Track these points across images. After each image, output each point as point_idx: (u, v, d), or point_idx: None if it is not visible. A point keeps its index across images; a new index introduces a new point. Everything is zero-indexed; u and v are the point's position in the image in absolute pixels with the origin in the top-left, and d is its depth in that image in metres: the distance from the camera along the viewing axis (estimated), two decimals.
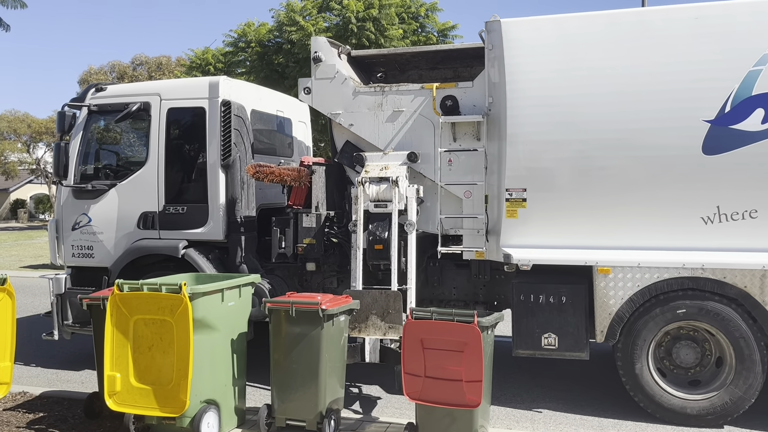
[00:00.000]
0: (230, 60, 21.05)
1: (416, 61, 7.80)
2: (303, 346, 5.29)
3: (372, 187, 6.47)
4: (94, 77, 34.94)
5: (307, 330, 5.28)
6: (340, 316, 5.51)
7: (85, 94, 7.51)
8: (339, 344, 5.55)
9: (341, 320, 5.56)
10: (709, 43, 5.57)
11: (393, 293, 6.17)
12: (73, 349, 8.46)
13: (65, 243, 7.49)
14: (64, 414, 5.97)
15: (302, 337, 5.29)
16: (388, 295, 6.14)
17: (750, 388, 5.61)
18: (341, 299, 5.61)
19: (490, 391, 5.22)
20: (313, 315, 5.23)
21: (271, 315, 5.40)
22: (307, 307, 5.26)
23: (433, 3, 19.89)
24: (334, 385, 5.47)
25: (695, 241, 5.67)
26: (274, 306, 5.38)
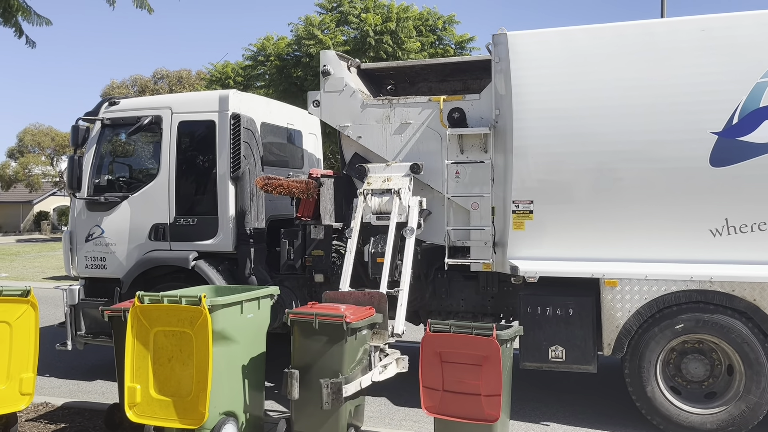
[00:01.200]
0: (249, 73, 21.33)
1: (426, 74, 7.84)
2: (325, 359, 5.20)
3: (374, 199, 6.47)
4: (116, 91, 35.56)
5: (330, 343, 5.17)
6: (363, 330, 5.42)
7: (98, 108, 7.65)
8: (361, 358, 5.45)
9: (364, 333, 5.46)
10: (715, 55, 5.54)
11: (378, 294, 5.90)
12: (94, 360, 8.56)
13: (79, 254, 7.62)
14: (85, 425, 6.05)
15: (324, 351, 5.20)
16: (372, 297, 5.85)
17: (764, 392, 5.53)
18: (364, 311, 5.51)
19: (509, 405, 5.17)
20: (336, 327, 5.13)
21: (293, 327, 5.31)
22: (330, 320, 5.18)
23: (450, 16, 20.03)
24: (356, 401, 5.42)
25: (703, 253, 5.62)
26: (297, 318, 5.30)
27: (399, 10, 19.01)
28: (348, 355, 5.19)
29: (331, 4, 20.26)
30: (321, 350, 5.19)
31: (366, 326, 5.44)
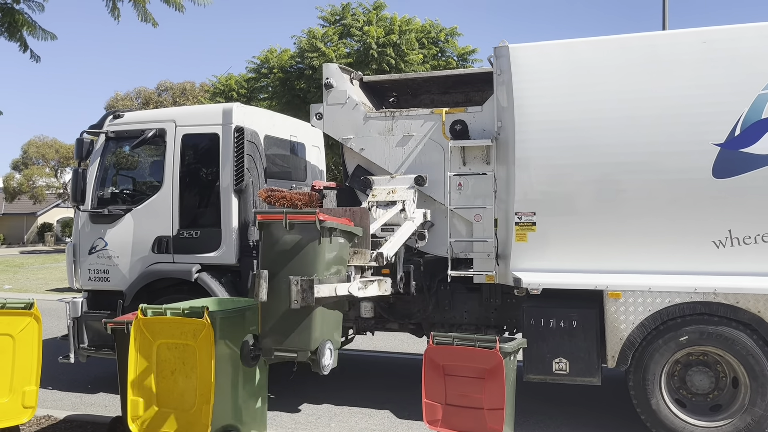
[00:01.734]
0: (253, 86, 21.40)
1: (428, 86, 7.87)
2: (296, 262, 4.81)
3: (379, 211, 6.50)
4: (120, 103, 35.71)
5: (302, 244, 4.80)
6: (339, 236, 5.04)
7: (102, 122, 7.69)
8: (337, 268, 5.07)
9: (340, 242, 5.09)
10: (717, 67, 5.55)
11: (360, 210, 5.68)
12: (96, 373, 8.56)
13: (82, 267, 7.63)
14: None
15: (296, 253, 4.82)
16: (354, 212, 5.55)
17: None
18: (342, 219, 5.21)
19: (513, 419, 5.14)
20: (309, 227, 4.77)
21: (262, 230, 4.99)
22: (302, 218, 4.82)
23: (452, 28, 20.09)
24: (333, 317, 5.12)
25: (707, 265, 5.60)
26: (266, 219, 4.93)
27: (401, 23, 19.08)
28: (321, 258, 4.83)
29: (334, 17, 20.36)
30: (292, 252, 4.81)
31: (342, 233, 5.10)
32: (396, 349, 9.96)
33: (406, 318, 7.15)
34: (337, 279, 5.09)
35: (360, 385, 7.98)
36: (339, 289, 5.05)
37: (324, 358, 4.85)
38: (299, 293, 4.66)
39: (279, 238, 4.91)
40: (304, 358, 4.83)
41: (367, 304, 7.11)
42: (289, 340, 4.85)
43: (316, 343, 4.83)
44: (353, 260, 5.42)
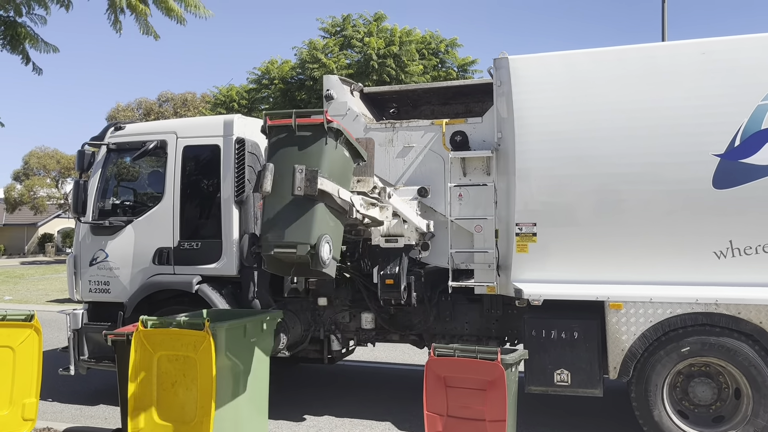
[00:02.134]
0: (254, 96, 21.47)
1: (428, 97, 7.89)
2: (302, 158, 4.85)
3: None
4: (121, 114, 35.81)
5: (309, 143, 4.88)
6: (344, 149, 5.11)
7: (104, 133, 7.71)
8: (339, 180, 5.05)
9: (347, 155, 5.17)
10: (716, 78, 5.57)
11: (366, 140, 5.82)
12: (97, 385, 8.53)
13: (83, 278, 7.62)
14: None
15: (302, 152, 4.88)
16: (359, 141, 5.61)
17: None
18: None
19: (515, 430, 5.13)
20: (317, 128, 4.87)
21: (271, 132, 5.06)
22: (311, 121, 4.90)
23: (452, 39, 20.17)
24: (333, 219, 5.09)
25: (708, 275, 5.60)
26: (275, 123, 5.02)
27: (402, 34, 19.16)
28: (327, 158, 4.87)
29: (335, 29, 20.46)
30: (298, 150, 4.89)
31: (347, 144, 5.15)
32: (397, 360, 9.94)
33: (407, 329, 7.14)
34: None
35: (361, 396, 7.95)
36: (342, 193, 5.02)
37: (323, 252, 4.79)
38: (303, 181, 4.69)
39: (286, 139, 4.97)
40: (303, 251, 4.74)
41: (367, 315, 7.11)
42: (289, 233, 4.81)
43: (315, 237, 4.77)
44: (357, 186, 5.46)
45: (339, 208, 5.04)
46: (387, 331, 7.22)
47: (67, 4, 6.76)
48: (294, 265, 5.04)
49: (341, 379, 8.93)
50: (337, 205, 4.99)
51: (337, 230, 5.17)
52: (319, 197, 4.79)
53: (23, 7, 7.05)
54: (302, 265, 4.95)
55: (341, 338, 7.35)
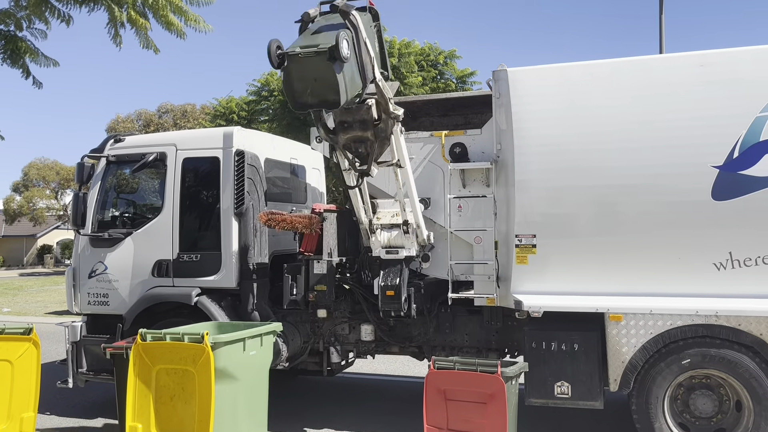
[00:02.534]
0: (253, 108, 21.53)
1: (427, 109, 7.90)
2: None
3: (383, 234, 6.53)
4: (121, 125, 35.88)
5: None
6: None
7: (103, 145, 7.72)
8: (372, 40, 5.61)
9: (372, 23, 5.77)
10: (714, 90, 5.59)
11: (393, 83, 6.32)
12: (95, 398, 8.49)
13: (82, 291, 7.61)
14: None
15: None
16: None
17: None
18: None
19: None
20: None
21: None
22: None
23: (451, 51, 20.25)
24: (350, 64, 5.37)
25: (708, 287, 5.59)
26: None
27: (401, 46, 19.25)
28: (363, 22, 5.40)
29: None
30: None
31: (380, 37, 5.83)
32: (397, 372, 9.91)
33: (407, 341, 7.12)
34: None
35: (361, 409, 7.92)
36: (368, 42, 5.51)
37: (343, 45, 5.09)
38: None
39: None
40: (326, 46, 5.04)
41: (367, 327, 7.09)
42: (314, 38, 5.24)
43: (335, 37, 5.07)
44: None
45: (361, 62, 5.41)
46: (387, 343, 7.20)
47: (68, 20, 6.82)
48: (308, 85, 5.26)
49: (341, 392, 8.89)
50: (360, 54, 5.39)
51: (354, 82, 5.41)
52: (350, 23, 5.31)
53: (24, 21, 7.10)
54: (318, 77, 5.17)
55: (341, 350, 7.33)
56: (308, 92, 5.28)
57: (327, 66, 5.07)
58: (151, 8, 7.23)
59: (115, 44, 7.23)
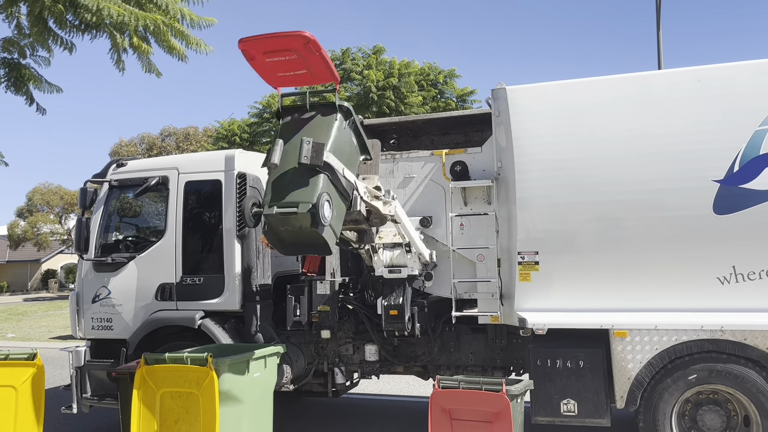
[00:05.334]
0: (255, 130, 21.70)
1: (428, 128, 7.94)
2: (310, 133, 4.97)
3: (386, 253, 6.53)
4: (124, 149, 36.09)
5: (318, 119, 5.03)
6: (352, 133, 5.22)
7: (106, 170, 7.76)
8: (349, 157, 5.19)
9: (353, 141, 5.26)
10: (713, 104, 5.62)
11: (372, 141, 5.97)
12: (99, 422, 8.45)
13: (85, 315, 7.60)
14: None
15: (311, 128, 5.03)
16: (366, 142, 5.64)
17: None
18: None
19: None
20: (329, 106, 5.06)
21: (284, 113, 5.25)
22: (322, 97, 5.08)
23: (451, 70, 20.43)
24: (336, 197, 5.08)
25: (713, 302, 5.57)
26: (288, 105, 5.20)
27: (401, 66, 19.42)
28: (335, 136, 4.97)
29: (335, 62, 20.73)
30: (308, 129, 5.04)
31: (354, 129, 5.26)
32: (402, 392, 9.85)
33: (412, 360, 7.09)
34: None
35: (367, 430, 7.86)
36: (347, 172, 5.07)
37: (323, 210, 4.77)
38: (310, 150, 4.74)
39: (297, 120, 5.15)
40: (304, 209, 4.74)
41: (371, 347, 7.07)
42: (291, 195, 4.85)
43: (316, 196, 4.77)
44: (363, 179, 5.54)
45: (342, 189, 5.07)
46: (391, 363, 7.17)
47: (70, 47, 6.88)
48: (294, 235, 4.98)
49: (346, 413, 8.83)
50: (341, 184, 5.03)
51: (339, 210, 5.13)
52: (324, 169, 4.84)
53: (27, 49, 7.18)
54: (302, 231, 4.88)
55: (345, 371, 7.30)
56: (296, 240, 5.03)
57: (309, 224, 4.80)
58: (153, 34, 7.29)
59: (117, 69, 7.28)
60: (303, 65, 4.92)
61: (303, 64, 4.91)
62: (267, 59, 4.91)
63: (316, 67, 4.96)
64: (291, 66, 4.95)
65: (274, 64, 4.95)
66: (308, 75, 5.07)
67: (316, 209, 4.72)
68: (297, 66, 4.94)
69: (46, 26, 6.70)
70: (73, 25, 6.73)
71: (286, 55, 4.86)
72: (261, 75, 5.12)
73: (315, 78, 5.16)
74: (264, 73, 5.08)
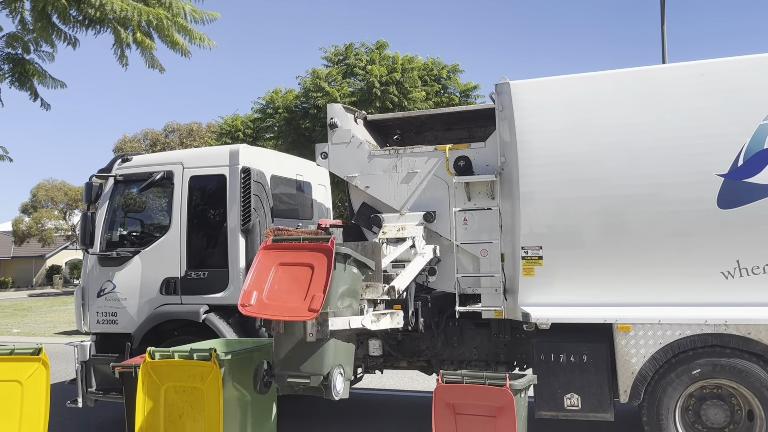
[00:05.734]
0: (259, 126, 21.66)
1: (431, 123, 7.95)
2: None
3: (389, 248, 6.53)
4: (128, 145, 36.17)
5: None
6: (352, 265, 5.18)
7: (111, 165, 7.79)
8: (350, 299, 5.17)
9: (354, 271, 5.22)
10: (717, 99, 5.61)
11: (372, 244, 5.95)
12: (104, 417, 8.49)
13: (90, 310, 7.65)
14: None
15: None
16: (366, 247, 5.83)
17: None
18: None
19: None
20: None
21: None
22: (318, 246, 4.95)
23: (454, 65, 20.36)
24: (344, 347, 5.19)
25: (717, 296, 5.57)
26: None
27: (404, 61, 19.36)
28: (336, 287, 4.90)
29: (338, 57, 20.71)
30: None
31: (355, 262, 5.18)
32: (406, 387, 9.87)
33: (415, 355, 7.11)
34: (351, 312, 5.17)
35: (370, 426, 7.89)
36: (352, 322, 5.11)
37: (336, 383, 4.87)
38: (314, 326, 4.78)
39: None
40: (316, 383, 4.85)
41: (375, 342, 7.08)
42: (302, 366, 4.90)
43: (328, 368, 4.87)
44: (366, 294, 5.51)
45: (351, 333, 5.21)
46: (395, 358, 7.18)
47: (74, 42, 6.90)
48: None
49: (349, 408, 8.85)
50: (349, 333, 5.15)
51: (349, 351, 5.30)
52: (330, 335, 4.90)
53: (31, 44, 7.20)
54: (316, 391, 5.02)
55: None
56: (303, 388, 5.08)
57: (323, 393, 4.91)
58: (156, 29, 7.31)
59: (121, 65, 7.32)
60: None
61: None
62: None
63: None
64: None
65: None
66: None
67: (328, 381, 4.84)
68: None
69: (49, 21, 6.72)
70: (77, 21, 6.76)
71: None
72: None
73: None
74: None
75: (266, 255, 4.98)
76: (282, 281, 4.82)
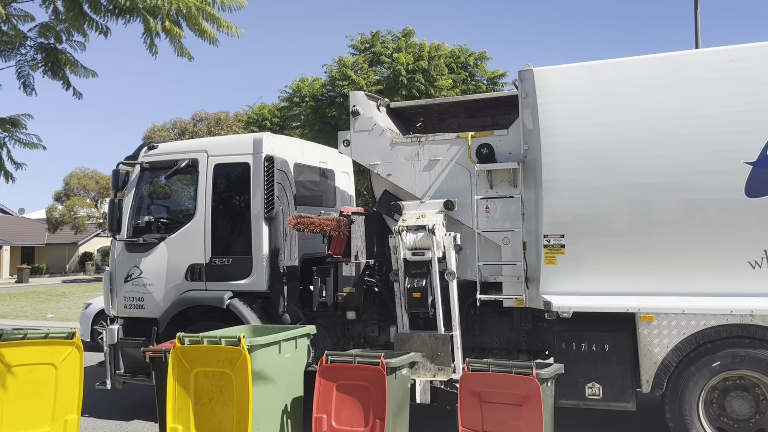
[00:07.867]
0: (285, 114, 21.79)
1: (454, 111, 7.91)
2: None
3: (409, 236, 6.53)
4: (157, 134, 36.64)
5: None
6: (402, 369, 5.57)
7: (137, 153, 7.92)
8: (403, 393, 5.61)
9: (404, 373, 5.61)
10: (746, 85, 5.49)
11: (441, 336, 6.34)
12: (134, 400, 8.66)
13: (118, 295, 7.80)
14: None
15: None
16: (437, 338, 6.33)
17: None
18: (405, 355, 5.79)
19: None
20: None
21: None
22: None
23: (482, 52, 20.20)
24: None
25: (743, 286, 5.47)
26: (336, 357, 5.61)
27: (431, 49, 19.26)
28: (390, 399, 5.25)
29: (364, 45, 20.67)
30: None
31: (405, 365, 5.62)
32: None
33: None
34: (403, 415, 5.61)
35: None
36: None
37: None
38: None
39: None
40: None
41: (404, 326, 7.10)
42: None
43: None
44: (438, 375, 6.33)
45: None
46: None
47: (105, 31, 6.97)
48: None
49: None
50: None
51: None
52: None
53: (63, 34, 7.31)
54: None
55: None
56: None
57: None
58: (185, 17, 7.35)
59: (150, 53, 7.34)
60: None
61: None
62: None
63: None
64: None
65: None
66: None
67: None
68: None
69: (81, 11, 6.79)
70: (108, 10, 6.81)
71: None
72: None
73: None
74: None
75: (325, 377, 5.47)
76: (345, 403, 5.37)
